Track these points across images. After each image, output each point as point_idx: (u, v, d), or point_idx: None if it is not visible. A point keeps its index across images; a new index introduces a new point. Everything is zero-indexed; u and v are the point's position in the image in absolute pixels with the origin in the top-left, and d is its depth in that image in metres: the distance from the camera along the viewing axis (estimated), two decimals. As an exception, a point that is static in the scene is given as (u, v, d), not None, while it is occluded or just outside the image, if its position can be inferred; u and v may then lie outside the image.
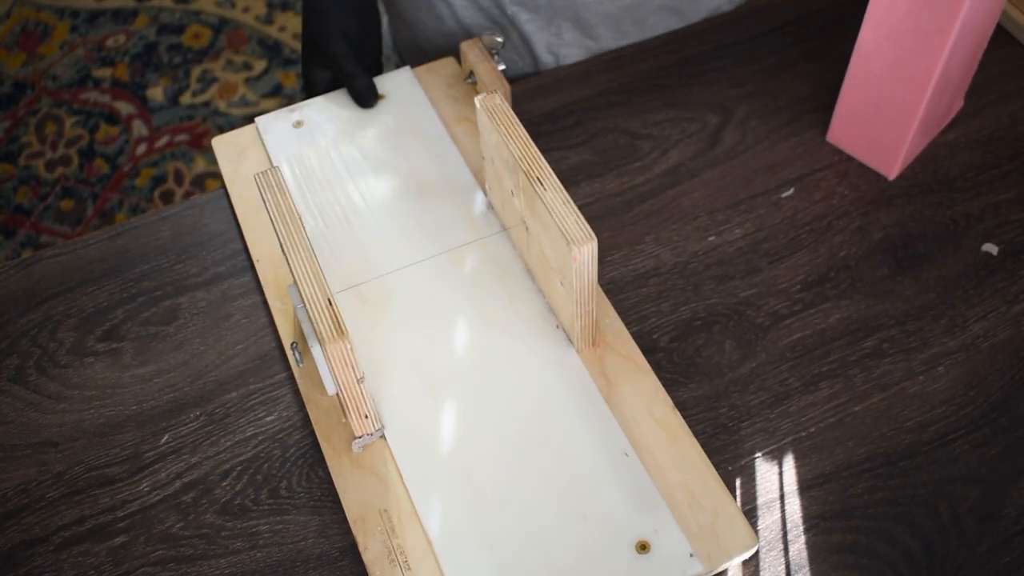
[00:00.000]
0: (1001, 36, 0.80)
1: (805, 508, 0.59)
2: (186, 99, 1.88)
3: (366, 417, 0.58)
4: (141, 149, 1.81)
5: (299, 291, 0.55)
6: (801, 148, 0.75)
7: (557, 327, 0.64)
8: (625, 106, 0.78)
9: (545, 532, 0.56)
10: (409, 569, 0.55)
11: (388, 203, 0.71)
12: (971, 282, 0.67)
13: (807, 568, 0.57)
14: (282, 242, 0.56)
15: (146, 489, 0.61)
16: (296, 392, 0.64)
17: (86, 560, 0.59)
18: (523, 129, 0.60)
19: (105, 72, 1.94)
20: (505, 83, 0.72)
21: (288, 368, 0.65)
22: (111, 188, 1.76)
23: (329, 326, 0.53)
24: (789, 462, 0.60)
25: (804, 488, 0.59)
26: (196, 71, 1.92)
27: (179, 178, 1.77)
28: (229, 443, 0.63)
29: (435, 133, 0.75)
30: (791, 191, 0.72)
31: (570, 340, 0.63)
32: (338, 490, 0.59)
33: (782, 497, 0.59)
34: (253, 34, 1.98)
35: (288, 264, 0.56)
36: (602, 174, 0.74)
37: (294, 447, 0.62)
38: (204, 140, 1.81)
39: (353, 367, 0.54)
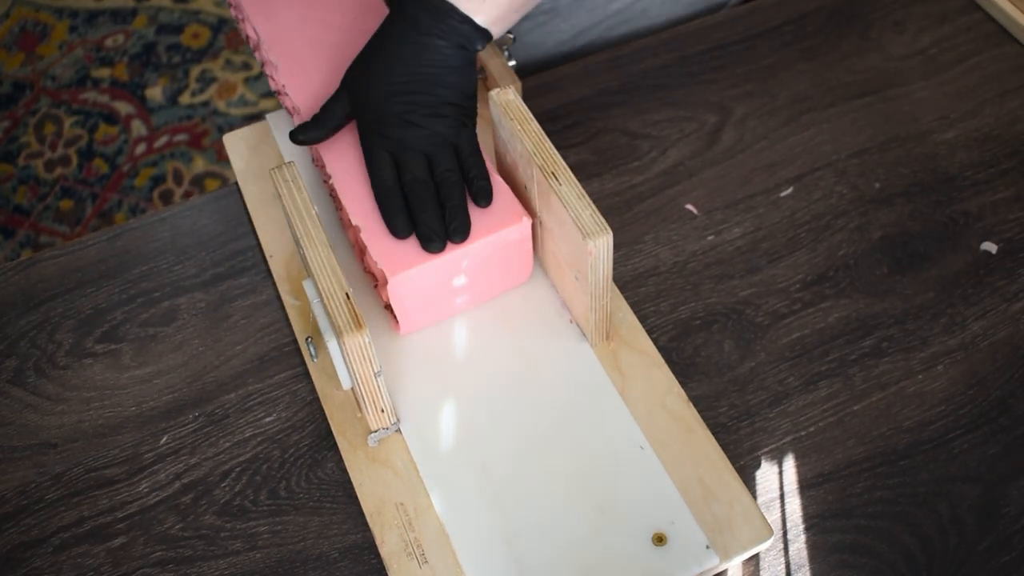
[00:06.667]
0: (999, 35, 0.80)
1: (805, 507, 0.59)
2: (185, 99, 1.88)
3: (382, 411, 0.58)
4: (140, 149, 1.81)
5: (316, 285, 0.55)
6: (800, 147, 0.75)
7: (571, 322, 0.64)
8: (624, 106, 0.78)
9: (562, 525, 0.56)
10: (426, 562, 0.56)
11: None
12: (970, 281, 0.67)
13: (807, 567, 0.57)
14: (298, 237, 0.57)
15: (145, 490, 0.61)
16: (295, 392, 0.64)
17: (85, 561, 0.59)
18: (537, 124, 0.60)
19: (104, 72, 1.93)
20: (516, 79, 0.72)
21: (288, 368, 0.65)
22: (110, 188, 1.76)
23: (347, 319, 0.53)
24: (789, 461, 0.60)
25: (804, 487, 0.59)
26: (195, 71, 1.92)
27: (178, 178, 1.76)
28: (228, 444, 0.63)
29: None
30: (790, 190, 0.72)
31: (584, 335, 0.63)
32: (354, 484, 0.59)
33: (782, 496, 0.59)
34: (252, 34, 1.98)
35: (304, 258, 0.55)
36: (601, 174, 0.74)
37: (293, 448, 0.62)
38: (203, 140, 1.81)
39: (370, 360, 0.54)
